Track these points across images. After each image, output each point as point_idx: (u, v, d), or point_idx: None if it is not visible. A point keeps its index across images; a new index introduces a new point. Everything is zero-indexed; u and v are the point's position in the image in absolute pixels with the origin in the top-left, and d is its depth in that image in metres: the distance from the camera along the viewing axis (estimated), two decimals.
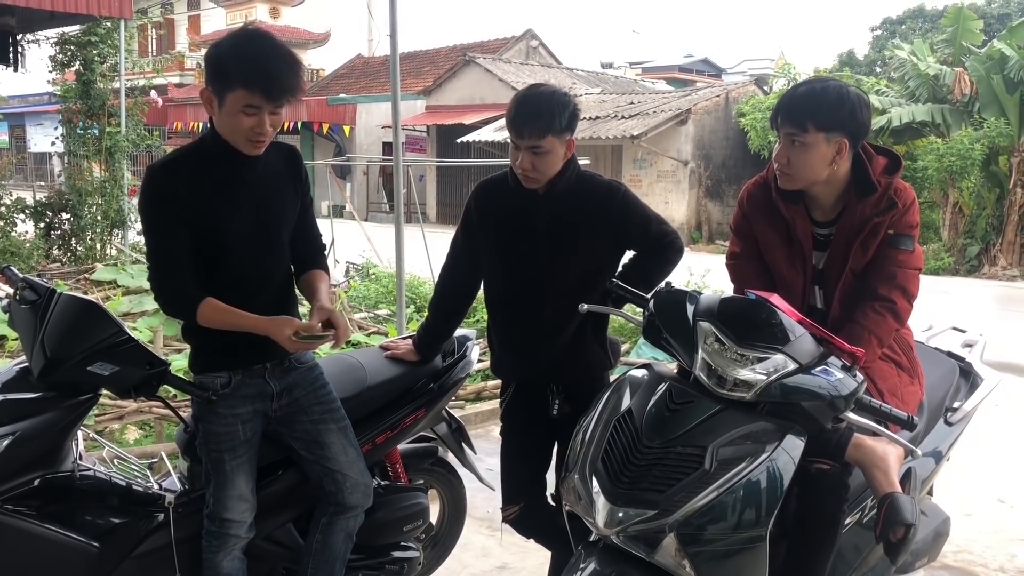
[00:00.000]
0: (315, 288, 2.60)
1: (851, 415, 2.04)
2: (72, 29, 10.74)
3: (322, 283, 2.62)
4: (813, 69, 23.74)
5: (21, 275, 2.60)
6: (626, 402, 2.12)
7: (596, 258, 2.68)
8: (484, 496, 3.77)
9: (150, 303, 7.11)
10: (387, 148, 24.92)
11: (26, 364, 2.51)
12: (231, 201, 2.40)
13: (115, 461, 2.85)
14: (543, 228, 2.67)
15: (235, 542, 2.54)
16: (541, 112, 2.55)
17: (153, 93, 12.28)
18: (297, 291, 2.67)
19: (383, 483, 3.02)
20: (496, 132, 20.32)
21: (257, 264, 2.47)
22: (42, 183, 21.65)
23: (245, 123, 2.30)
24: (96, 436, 3.09)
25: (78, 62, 10.76)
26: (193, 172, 2.37)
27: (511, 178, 2.71)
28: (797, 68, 20.64)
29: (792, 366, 2.00)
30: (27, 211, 10.35)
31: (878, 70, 26.71)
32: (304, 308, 2.71)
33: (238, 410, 2.49)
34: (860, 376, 2.04)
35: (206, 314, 2.38)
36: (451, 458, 3.43)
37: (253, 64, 2.28)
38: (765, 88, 21.52)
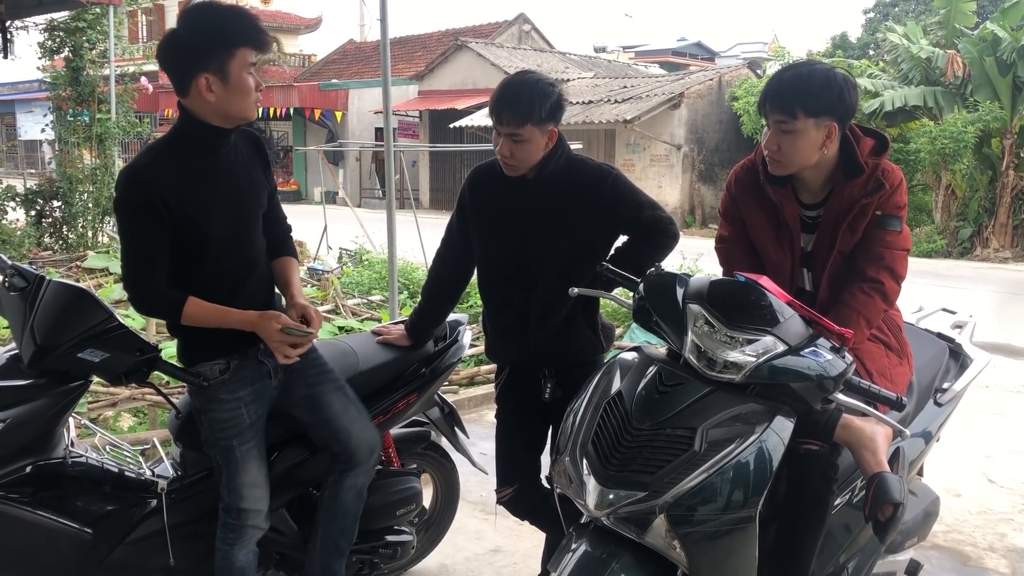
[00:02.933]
0: (288, 280, 2.63)
1: (840, 396, 2.04)
2: (61, 15, 10.66)
3: (294, 274, 2.66)
4: (806, 52, 23.71)
5: (10, 262, 2.60)
6: (616, 384, 2.13)
7: (587, 242, 2.68)
8: (477, 480, 3.79)
9: None
10: (380, 133, 24.78)
11: (16, 351, 2.51)
12: (212, 193, 2.38)
13: (107, 448, 2.86)
14: (533, 212, 2.67)
15: (253, 533, 2.55)
16: (521, 100, 2.54)
17: (143, 80, 12.20)
18: None
19: (376, 468, 3.03)
20: (488, 117, 20.22)
21: (241, 254, 2.47)
22: (32, 171, 21.57)
23: (251, 84, 2.33)
24: (88, 423, 3.09)
25: (67, 48, 10.69)
26: (174, 169, 2.33)
27: (500, 165, 2.71)
28: (792, 53, 20.58)
29: (781, 347, 2.00)
30: (18, 199, 10.31)
31: (871, 53, 26.65)
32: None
33: (239, 393, 2.49)
34: (849, 357, 2.04)
35: (191, 313, 2.38)
36: (444, 442, 3.44)
37: (236, 22, 2.31)
38: (758, 72, 21.46)
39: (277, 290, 2.66)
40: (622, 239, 2.78)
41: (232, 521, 2.52)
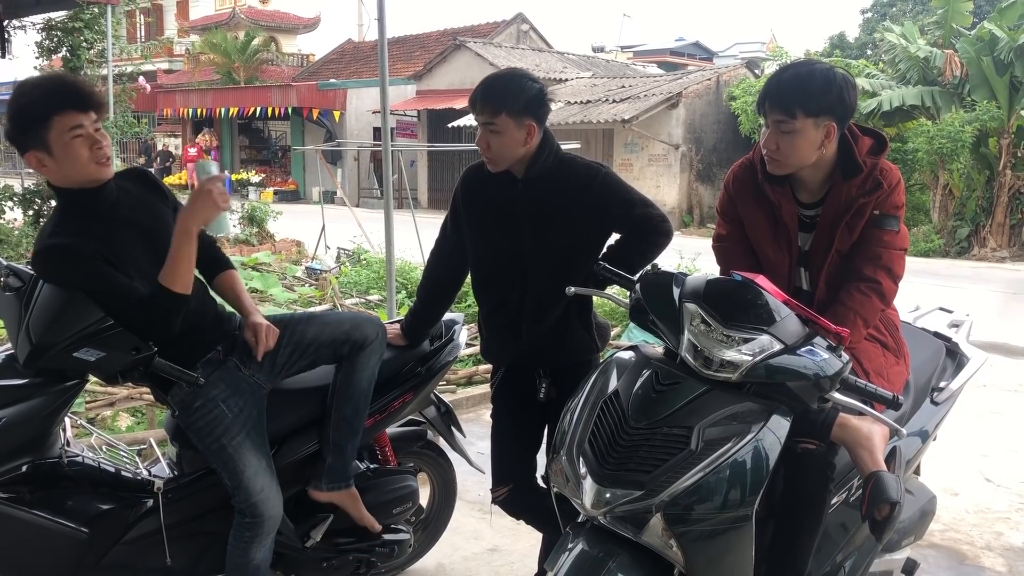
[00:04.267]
0: (238, 295, 2.72)
1: (836, 395, 2.05)
2: (58, 15, 10.64)
3: (240, 287, 2.75)
4: (804, 52, 23.69)
5: (5, 262, 2.59)
6: (613, 384, 2.13)
7: (578, 241, 2.68)
8: (475, 479, 3.78)
9: None
10: (378, 133, 24.79)
11: (12, 351, 2.50)
12: (119, 246, 2.39)
13: (104, 448, 2.86)
14: (524, 212, 2.67)
15: (270, 528, 2.56)
16: (496, 90, 2.57)
17: (141, 79, 12.19)
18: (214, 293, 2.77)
19: (372, 466, 3.03)
20: None
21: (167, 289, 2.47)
22: (31, 171, 21.55)
23: (81, 149, 2.32)
24: (85, 424, 3.09)
25: (65, 48, 10.66)
26: (78, 232, 2.35)
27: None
28: (790, 53, 20.57)
29: (778, 347, 2.00)
30: (15, 199, 10.28)
31: (869, 52, 26.66)
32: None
33: (211, 393, 2.52)
34: (845, 356, 2.04)
35: (183, 284, 2.40)
36: (441, 442, 3.44)
37: (49, 91, 2.33)
38: (756, 71, 21.46)
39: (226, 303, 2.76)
40: (616, 237, 2.78)
41: (248, 520, 2.53)
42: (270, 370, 2.65)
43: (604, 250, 2.74)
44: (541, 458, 2.84)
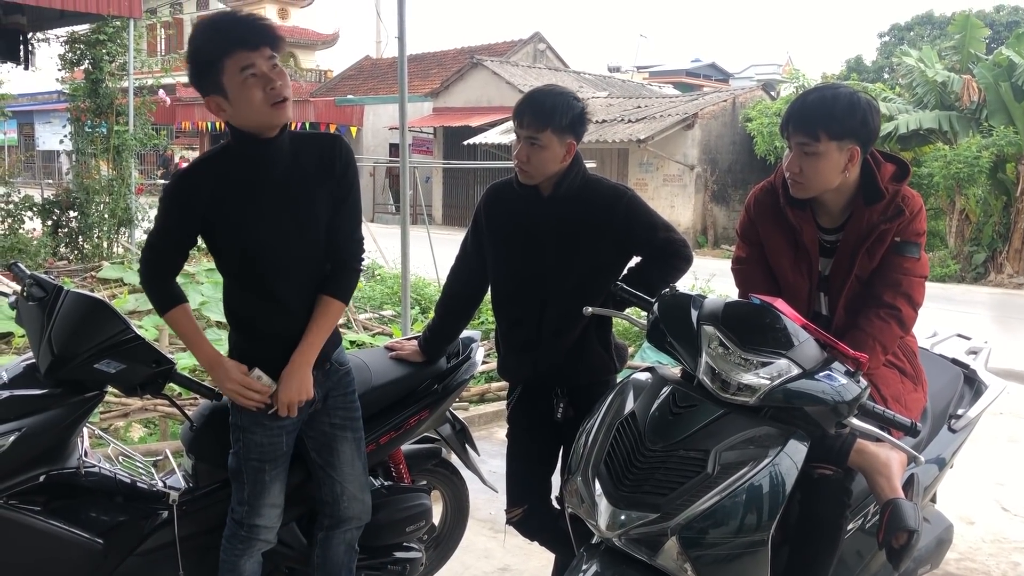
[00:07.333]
0: (312, 322, 2.41)
1: (854, 421, 2.04)
2: (82, 28, 10.79)
3: (315, 323, 2.41)
4: (821, 75, 23.71)
5: (29, 272, 2.62)
6: (629, 405, 2.13)
7: (600, 261, 2.69)
8: (487, 498, 3.78)
9: None
10: (394, 149, 24.94)
11: (33, 361, 2.52)
12: (255, 203, 2.33)
13: (120, 458, 2.86)
14: (547, 230, 2.68)
15: (262, 546, 2.55)
16: (544, 105, 2.59)
17: (161, 92, 12.31)
18: None
19: (386, 483, 3.03)
20: (503, 135, 20.30)
21: (288, 270, 2.39)
22: (50, 181, 21.74)
23: (255, 90, 2.20)
24: (101, 433, 3.10)
25: (87, 61, 10.80)
26: (219, 173, 2.33)
27: (516, 181, 2.73)
28: (807, 75, 20.57)
29: (796, 371, 2.00)
30: (35, 209, 10.40)
31: (886, 76, 26.66)
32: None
33: (284, 422, 2.46)
34: (864, 382, 2.03)
35: (172, 321, 2.41)
36: (454, 459, 3.44)
37: (219, 31, 2.23)
38: (772, 93, 21.49)
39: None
40: (636, 259, 2.79)
41: (244, 534, 2.51)
42: (310, 421, 2.56)
43: (624, 272, 2.75)
44: (556, 479, 2.83)
